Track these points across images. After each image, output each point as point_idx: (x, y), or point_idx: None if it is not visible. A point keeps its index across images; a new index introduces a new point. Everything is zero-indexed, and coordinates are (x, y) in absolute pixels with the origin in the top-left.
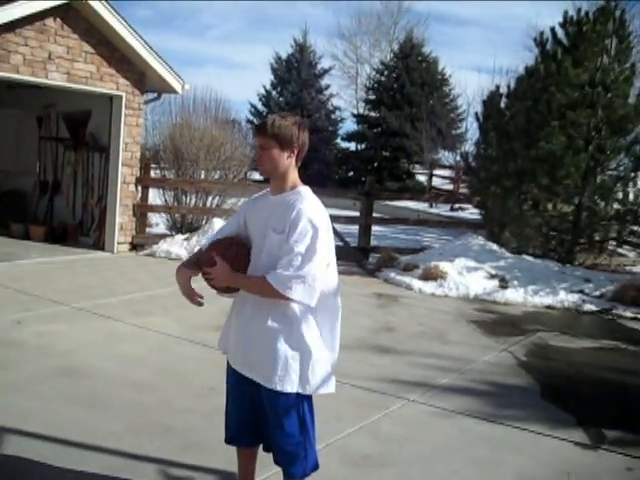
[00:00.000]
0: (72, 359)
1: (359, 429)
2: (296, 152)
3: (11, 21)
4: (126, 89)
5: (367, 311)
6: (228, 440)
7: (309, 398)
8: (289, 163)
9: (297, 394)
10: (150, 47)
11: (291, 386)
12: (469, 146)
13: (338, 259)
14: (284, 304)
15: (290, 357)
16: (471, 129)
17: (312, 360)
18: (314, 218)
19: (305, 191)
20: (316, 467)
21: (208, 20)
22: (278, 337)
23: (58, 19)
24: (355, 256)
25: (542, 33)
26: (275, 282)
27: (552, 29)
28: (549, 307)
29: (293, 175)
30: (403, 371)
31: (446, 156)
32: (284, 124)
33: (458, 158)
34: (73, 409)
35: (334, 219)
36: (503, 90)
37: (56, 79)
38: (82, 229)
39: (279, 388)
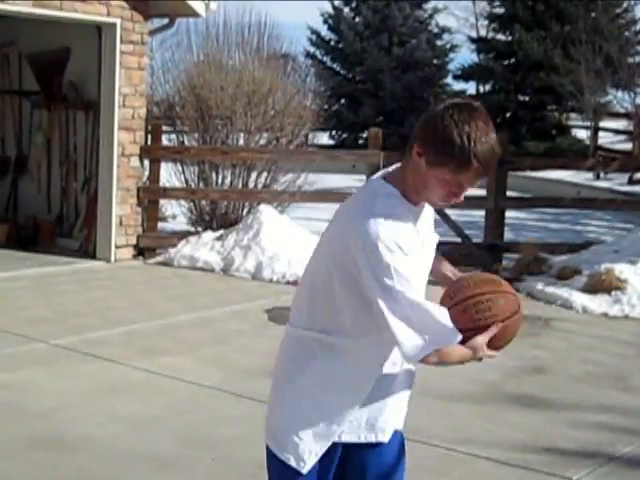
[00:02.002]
0: (53, 422)
1: None
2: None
3: None
4: (122, 13)
5: None
6: None
7: None
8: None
9: None
10: None
11: None
12: None
13: (454, 263)
14: None
15: None
16: None
17: None
18: None
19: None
20: None
21: None
22: None
23: None
24: (481, 258)
25: None
26: None
27: None
28: None
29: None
30: (560, 434)
31: (619, 98)
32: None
33: (639, 101)
34: None
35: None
36: None
37: (17, 2)
38: (62, 227)
39: None
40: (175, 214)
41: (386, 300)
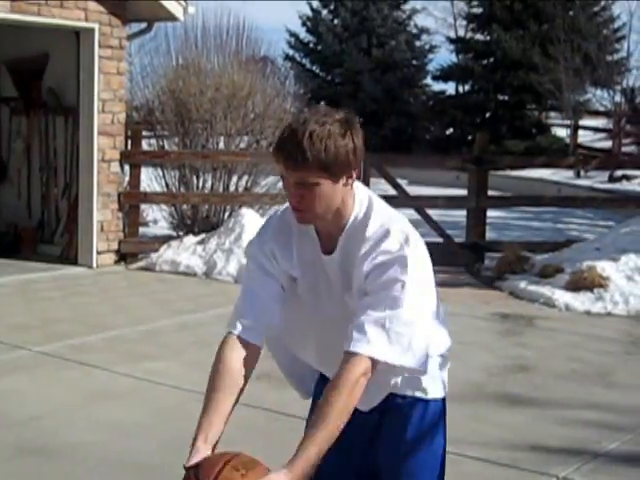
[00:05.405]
0: (37, 430)
1: None
2: (355, 174)
3: None
4: (100, 18)
5: (486, 342)
6: None
7: None
8: (346, 191)
9: None
10: None
11: None
12: (634, 79)
13: (436, 263)
14: None
15: None
16: (637, 51)
17: None
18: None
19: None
20: None
21: None
22: None
23: None
24: (463, 258)
25: None
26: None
27: None
28: None
29: (349, 198)
30: (546, 432)
31: (598, 97)
32: (334, 142)
33: (618, 99)
34: None
35: (428, 201)
36: None
37: None
38: (43, 233)
39: None
40: (156, 219)
41: None
